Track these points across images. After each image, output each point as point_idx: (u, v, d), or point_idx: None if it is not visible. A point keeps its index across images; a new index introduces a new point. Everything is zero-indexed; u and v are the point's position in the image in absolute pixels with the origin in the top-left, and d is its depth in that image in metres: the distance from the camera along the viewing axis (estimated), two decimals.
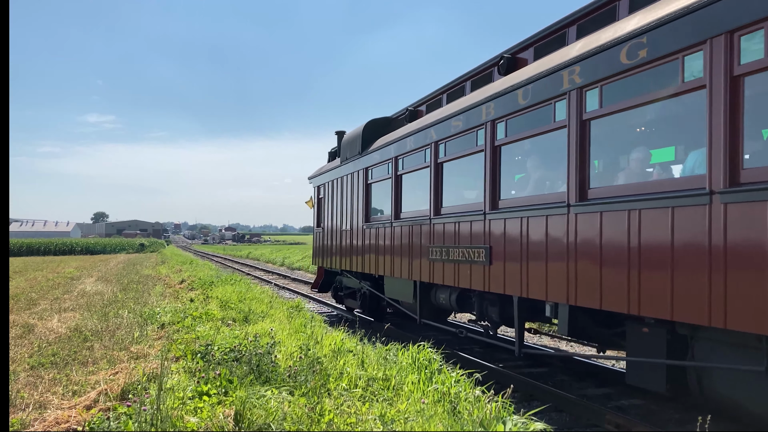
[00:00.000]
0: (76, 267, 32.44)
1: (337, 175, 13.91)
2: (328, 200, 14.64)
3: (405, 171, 10.36)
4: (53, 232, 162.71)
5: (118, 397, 5.71)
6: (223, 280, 19.33)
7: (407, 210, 10.36)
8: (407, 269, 10.06)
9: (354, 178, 12.66)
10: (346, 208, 13.19)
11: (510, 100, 7.20)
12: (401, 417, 4.96)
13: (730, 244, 4.42)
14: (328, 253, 14.59)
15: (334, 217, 14.13)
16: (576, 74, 6.03)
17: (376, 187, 11.74)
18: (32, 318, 11.41)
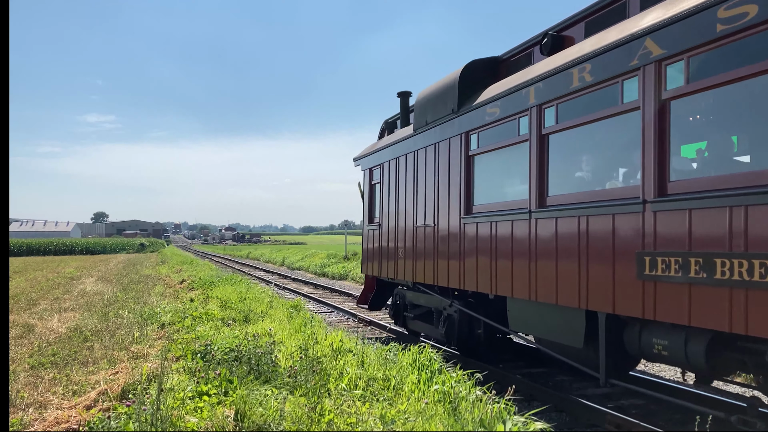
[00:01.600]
0: (76, 267, 32.45)
1: (405, 149, 10.30)
2: (390, 186, 11.03)
3: (563, 126, 6.46)
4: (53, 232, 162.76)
5: (118, 397, 5.71)
6: (223, 280, 19.33)
7: (568, 191, 6.47)
8: (573, 291, 6.12)
9: (440, 150, 8.99)
10: (423, 195, 9.57)
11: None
12: (401, 417, 4.96)
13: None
14: (388, 259, 11.09)
15: (398, 209, 10.58)
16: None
17: (486, 161, 8.09)
18: (32, 318, 11.41)
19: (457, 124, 8.52)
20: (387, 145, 11.18)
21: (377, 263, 11.75)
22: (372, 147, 12.26)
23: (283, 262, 43.17)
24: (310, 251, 45.66)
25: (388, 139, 11.52)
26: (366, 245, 12.36)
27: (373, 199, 12.23)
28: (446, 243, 8.83)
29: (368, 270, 12.34)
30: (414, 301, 10.55)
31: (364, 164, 12.69)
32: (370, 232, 12.19)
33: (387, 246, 11.17)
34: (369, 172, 12.31)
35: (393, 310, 11.58)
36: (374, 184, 12.08)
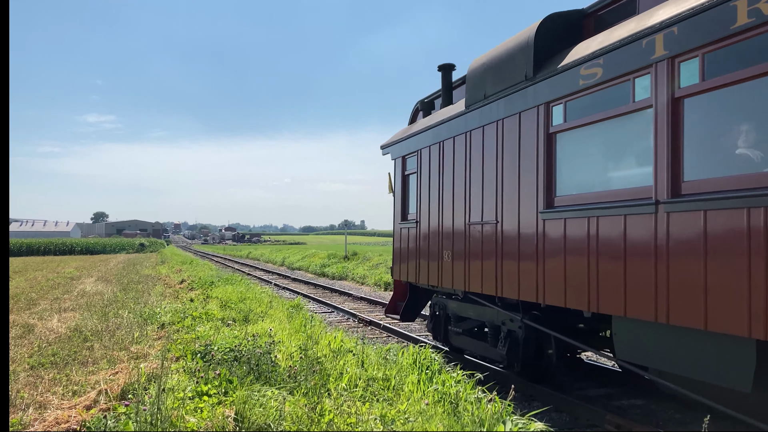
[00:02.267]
0: (76, 267, 32.45)
1: (452, 131, 8.52)
2: (430, 176, 9.21)
3: (714, 84, 4.73)
4: (53, 232, 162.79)
5: (118, 397, 5.70)
6: (223, 280, 19.33)
7: (722, 174, 4.71)
8: (738, 313, 4.43)
9: (505, 129, 7.22)
10: (479, 186, 7.81)
11: None
12: (401, 417, 4.96)
13: None
14: (428, 262, 9.28)
15: (443, 204, 8.79)
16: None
17: (575, 139, 6.27)
18: (32, 318, 11.40)
19: (533, 95, 6.73)
20: (426, 128, 9.32)
21: (412, 267, 9.86)
22: (405, 132, 10.43)
23: (283, 262, 43.18)
24: (310, 251, 45.67)
25: (426, 121, 9.63)
26: (398, 246, 10.52)
27: (407, 192, 10.35)
28: (514, 245, 7.02)
29: (400, 274, 10.42)
30: (460, 313, 8.93)
31: (394, 152, 10.79)
32: (403, 230, 10.33)
33: (426, 247, 9.34)
34: (401, 161, 10.43)
35: (432, 322, 9.74)
36: (408, 175, 10.26)
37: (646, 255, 5.18)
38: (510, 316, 7.60)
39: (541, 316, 7.25)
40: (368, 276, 26.35)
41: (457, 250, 8.36)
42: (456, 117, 8.42)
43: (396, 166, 10.74)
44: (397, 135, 10.82)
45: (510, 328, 7.66)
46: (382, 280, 24.38)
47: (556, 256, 6.33)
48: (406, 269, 10.22)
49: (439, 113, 9.25)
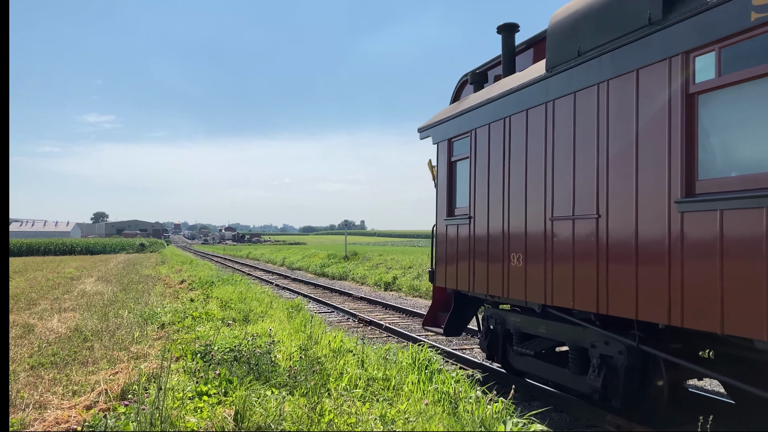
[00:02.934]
0: (76, 267, 32.45)
1: (524, 103, 6.90)
2: (491, 161, 7.60)
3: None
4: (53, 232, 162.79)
5: (118, 397, 5.71)
6: (223, 280, 19.34)
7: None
8: None
9: (611, 94, 5.62)
10: (568, 170, 6.14)
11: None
12: (401, 417, 4.96)
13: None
14: (487, 267, 7.65)
15: (510, 194, 7.18)
16: None
17: (735, 100, 4.64)
18: (32, 318, 11.41)
19: (660, 43, 5.12)
20: (483, 103, 7.70)
21: (463, 272, 8.19)
22: (452, 110, 8.78)
23: (283, 262, 43.19)
24: (310, 251, 45.68)
25: (483, 94, 8.00)
26: (442, 247, 8.87)
27: (454, 181, 8.66)
28: (628, 246, 5.37)
29: (444, 280, 8.78)
30: (525, 330, 7.38)
31: (437, 135, 9.07)
32: (449, 228, 8.64)
33: (484, 249, 7.67)
34: (447, 146, 8.75)
35: (487, 338, 8.21)
36: (456, 161, 8.58)
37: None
38: (605, 337, 5.97)
39: (648, 337, 5.67)
40: (368, 276, 26.35)
41: (532, 252, 6.67)
42: (531, 85, 6.74)
43: (440, 151, 9.01)
44: (441, 114, 9.13)
45: (605, 353, 6.00)
46: (382, 280, 24.39)
47: (703, 260, 4.64)
48: (453, 275, 8.49)
49: (501, 84, 7.64)
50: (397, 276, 23.95)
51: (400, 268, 26.16)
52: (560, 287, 6.23)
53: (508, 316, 7.78)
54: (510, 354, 7.87)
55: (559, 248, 6.27)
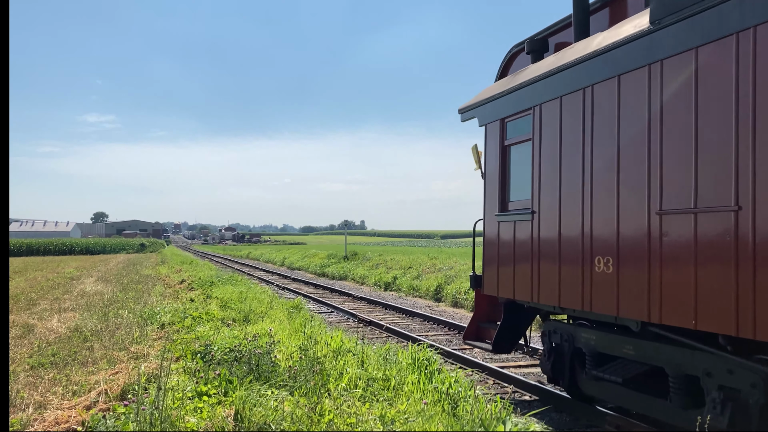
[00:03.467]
0: (76, 267, 32.45)
1: (609, 70, 5.65)
2: (562, 142, 6.30)
3: None
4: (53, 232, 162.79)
5: (117, 397, 5.71)
6: (223, 280, 19.34)
7: None
8: None
9: (760, 47, 4.32)
10: (686, 151, 4.91)
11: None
12: (401, 417, 4.97)
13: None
14: (558, 270, 6.32)
15: (591, 183, 5.87)
16: None
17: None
18: (32, 318, 11.41)
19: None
20: (553, 72, 6.38)
21: (521, 279, 6.94)
22: (506, 84, 7.43)
23: (283, 262, 43.20)
24: (310, 251, 45.69)
25: (550, 62, 6.63)
26: (492, 248, 7.62)
27: (507, 169, 7.42)
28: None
29: (495, 287, 7.56)
30: (603, 349, 6.10)
31: (485, 115, 7.79)
32: (502, 226, 7.37)
33: (552, 250, 6.36)
34: (499, 127, 7.45)
35: (551, 359, 6.90)
36: (510, 145, 7.34)
37: None
38: (729, 364, 4.77)
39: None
40: (368, 276, 26.36)
41: (628, 255, 5.35)
42: (625, 44, 5.44)
43: (488, 134, 7.75)
44: (489, 91, 7.81)
45: (729, 384, 4.78)
46: (381, 280, 24.40)
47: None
48: (507, 281, 7.23)
49: (577, 48, 6.25)
50: (397, 276, 23.95)
51: (400, 268, 26.17)
52: (673, 300, 4.91)
53: (578, 332, 6.43)
54: (580, 377, 6.52)
55: (671, 250, 4.97)
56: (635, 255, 5.28)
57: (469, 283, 17.92)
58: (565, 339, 6.66)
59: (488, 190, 7.76)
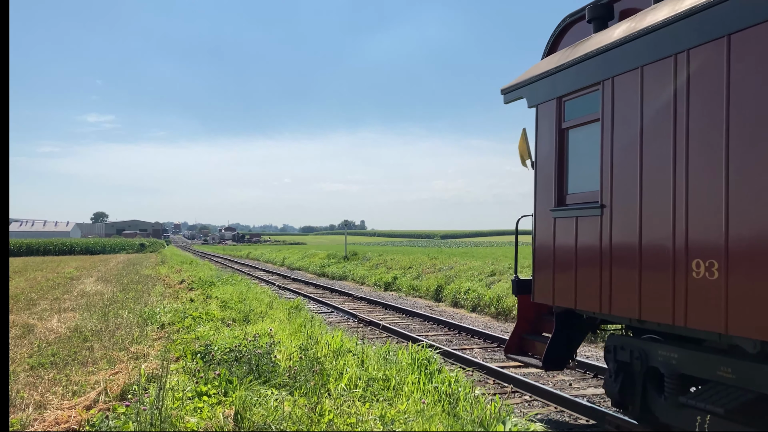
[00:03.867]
0: (76, 267, 32.44)
1: (710, 30, 4.59)
2: (644, 122, 5.25)
3: None
4: (53, 232, 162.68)
5: (117, 397, 5.71)
6: (223, 280, 19.34)
7: None
8: None
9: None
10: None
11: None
12: (401, 417, 4.97)
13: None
14: (638, 276, 5.24)
15: (679, 175, 4.86)
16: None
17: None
18: (32, 318, 11.41)
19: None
20: (630, 38, 5.34)
21: (586, 285, 5.88)
22: (564, 57, 6.35)
23: (283, 262, 43.19)
24: (309, 251, 45.69)
25: (624, 28, 5.54)
26: (545, 249, 6.59)
27: (564, 156, 6.41)
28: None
29: (549, 294, 6.50)
30: (690, 370, 5.14)
31: (536, 94, 6.79)
32: (560, 222, 6.36)
33: (632, 252, 5.28)
34: (555, 107, 6.44)
35: (619, 381, 5.86)
36: (569, 128, 6.33)
37: None
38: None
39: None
40: (368, 276, 26.36)
41: (741, 257, 4.33)
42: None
43: (540, 116, 6.76)
44: (541, 67, 6.78)
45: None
46: (381, 280, 24.40)
47: None
48: (566, 288, 6.18)
49: (660, 10, 5.16)
50: (397, 276, 23.96)
51: (400, 268, 26.17)
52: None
53: (654, 348, 5.47)
54: (656, 403, 5.52)
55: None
56: (753, 257, 4.20)
57: (467, 286, 17.82)
58: (637, 357, 5.63)
59: (540, 181, 6.71)
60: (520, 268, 12.62)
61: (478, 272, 20.24)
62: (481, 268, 20.84)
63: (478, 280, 18.92)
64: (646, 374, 5.61)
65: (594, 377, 8.62)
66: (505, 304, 15.47)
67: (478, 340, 11.98)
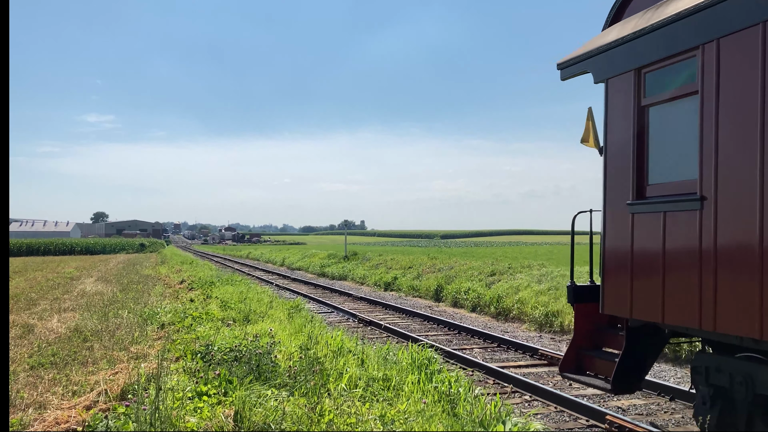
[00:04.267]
0: (76, 267, 32.45)
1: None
2: (765, 96, 4.10)
3: None
4: (53, 232, 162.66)
5: (117, 397, 5.71)
6: (223, 280, 19.34)
7: None
8: None
9: None
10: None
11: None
12: (401, 417, 4.97)
13: None
14: (758, 284, 4.06)
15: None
16: None
17: None
18: (32, 318, 11.41)
19: None
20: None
21: (677, 295, 4.85)
22: (644, 20, 5.26)
23: (283, 262, 43.20)
24: (309, 251, 45.69)
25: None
26: (619, 251, 5.48)
27: (645, 139, 5.30)
28: None
29: (624, 305, 5.39)
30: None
31: (606, 67, 5.69)
32: (639, 219, 5.28)
33: (750, 254, 4.21)
34: (634, 80, 5.34)
35: (717, 407, 4.87)
36: (651, 105, 5.29)
37: None
38: None
39: None
40: (368, 276, 26.36)
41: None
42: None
43: (613, 92, 5.66)
44: (611, 34, 5.65)
45: None
46: (381, 280, 24.40)
47: None
48: (650, 297, 5.09)
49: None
50: (397, 276, 23.96)
51: (400, 268, 26.17)
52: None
53: (762, 372, 4.49)
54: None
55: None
56: None
57: (467, 286, 17.79)
58: (740, 381, 4.64)
59: (612, 170, 5.63)
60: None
61: (478, 272, 20.25)
62: (480, 268, 20.85)
63: (478, 280, 18.93)
64: (752, 403, 4.58)
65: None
66: (504, 304, 15.48)
67: (478, 340, 11.98)
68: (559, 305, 13.52)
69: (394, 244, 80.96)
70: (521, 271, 19.01)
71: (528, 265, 19.97)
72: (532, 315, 13.94)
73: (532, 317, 13.90)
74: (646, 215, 5.18)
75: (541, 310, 13.75)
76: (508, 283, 17.05)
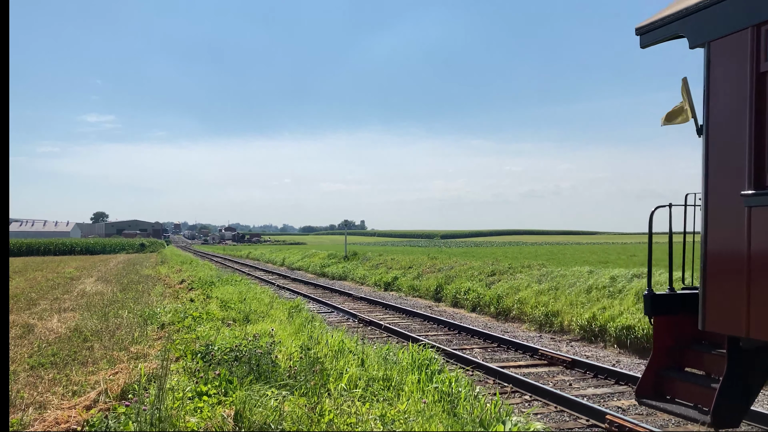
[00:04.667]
0: (76, 267, 32.44)
1: None
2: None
3: None
4: (53, 232, 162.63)
5: (118, 397, 5.71)
6: (223, 280, 19.34)
7: None
8: None
9: None
10: None
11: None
12: (401, 417, 4.96)
13: None
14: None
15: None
16: None
17: None
18: (32, 318, 11.41)
19: None
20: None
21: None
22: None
23: (283, 262, 43.20)
24: (310, 251, 45.69)
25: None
26: (735, 255, 4.29)
27: (765, 115, 4.19)
28: None
29: (738, 321, 4.24)
30: None
31: (707, 27, 4.56)
32: (757, 214, 4.15)
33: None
34: (750, 41, 4.21)
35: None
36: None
37: None
38: None
39: None
40: (368, 276, 26.36)
41: None
42: None
43: (717, 58, 4.53)
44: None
45: None
46: (382, 280, 24.40)
47: None
48: (760, 310, 4.07)
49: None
50: (397, 276, 23.96)
51: (400, 268, 26.17)
52: None
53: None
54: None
55: None
56: None
57: (467, 286, 17.82)
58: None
59: (717, 153, 4.55)
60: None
61: (478, 272, 20.24)
62: (481, 268, 20.85)
63: (478, 280, 18.93)
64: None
65: None
66: (504, 304, 15.48)
67: (479, 340, 11.98)
68: (559, 305, 13.52)
69: (394, 244, 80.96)
70: (521, 271, 19.00)
71: (528, 265, 19.97)
72: (532, 315, 13.94)
73: (532, 317, 13.91)
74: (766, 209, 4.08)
75: (541, 309, 13.75)
76: (508, 283, 17.05)
